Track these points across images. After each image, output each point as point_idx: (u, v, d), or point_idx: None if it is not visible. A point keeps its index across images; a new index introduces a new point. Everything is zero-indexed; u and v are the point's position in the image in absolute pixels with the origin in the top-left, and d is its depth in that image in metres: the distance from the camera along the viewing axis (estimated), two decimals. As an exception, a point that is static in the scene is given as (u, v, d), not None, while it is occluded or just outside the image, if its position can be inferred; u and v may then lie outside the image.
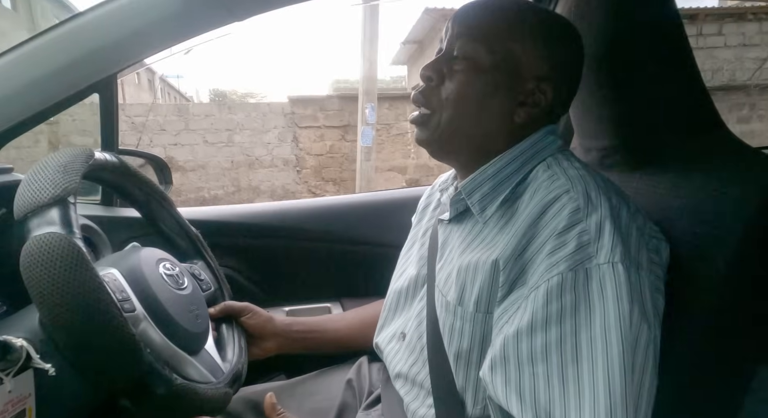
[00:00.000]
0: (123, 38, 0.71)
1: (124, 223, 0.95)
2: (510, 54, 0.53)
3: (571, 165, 0.53)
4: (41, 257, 0.44)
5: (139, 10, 0.69)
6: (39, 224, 0.46)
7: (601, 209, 0.46)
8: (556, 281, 0.43)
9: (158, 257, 0.63)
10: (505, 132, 0.56)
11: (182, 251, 0.76)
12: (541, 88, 0.54)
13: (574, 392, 0.41)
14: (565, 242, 0.45)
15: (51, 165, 0.51)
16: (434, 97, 0.57)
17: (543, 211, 0.48)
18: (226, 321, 0.77)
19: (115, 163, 0.61)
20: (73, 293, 0.44)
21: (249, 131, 6.40)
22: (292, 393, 0.79)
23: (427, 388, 0.61)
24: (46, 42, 0.70)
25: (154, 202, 0.73)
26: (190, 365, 0.59)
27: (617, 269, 0.43)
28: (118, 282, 0.54)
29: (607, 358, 0.41)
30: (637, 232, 0.48)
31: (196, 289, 0.67)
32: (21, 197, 0.48)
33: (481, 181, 0.56)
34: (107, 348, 0.47)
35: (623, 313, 0.42)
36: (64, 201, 0.48)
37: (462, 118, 0.56)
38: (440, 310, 0.58)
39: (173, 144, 6.29)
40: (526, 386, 0.43)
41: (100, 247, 0.80)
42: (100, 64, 0.74)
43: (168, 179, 1.09)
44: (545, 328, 0.43)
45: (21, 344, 0.46)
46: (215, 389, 0.59)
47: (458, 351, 0.54)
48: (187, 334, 0.60)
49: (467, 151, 0.58)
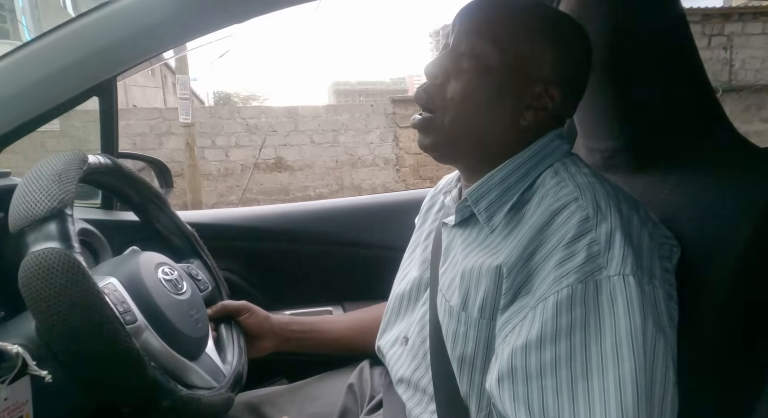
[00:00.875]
0: (122, 41, 0.71)
1: (123, 227, 0.94)
2: (520, 55, 0.51)
3: (579, 171, 0.51)
4: (41, 274, 0.43)
5: (137, 13, 0.69)
6: (36, 239, 0.45)
7: (611, 217, 0.45)
8: (566, 294, 0.42)
9: (157, 261, 0.63)
10: (510, 135, 0.54)
11: (179, 251, 0.76)
12: (549, 92, 0.52)
13: (584, 409, 0.40)
14: (574, 253, 0.43)
15: (45, 174, 0.50)
16: (438, 96, 0.55)
17: (551, 218, 0.47)
18: (225, 322, 0.77)
19: (110, 166, 0.60)
20: (75, 310, 0.44)
21: (353, 132, 6.80)
22: (293, 398, 0.78)
23: (430, 393, 0.60)
24: (44, 46, 0.70)
25: (150, 203, 0.72)
26: (192, 372, 0.59)
27: (628, 281, 0.42)
28: (119, 293, 0.54)
29: (619, 374, 0.39)
30: (649, 239, 0.46)
31: (195, 292, 0.66)
32: (16, 210, 0.47)
33: (487, 189, 0.54)
34: (112, 364, 0.46)
35: (635, 328, 0.40)
36: (61, 213, 0.47)
37: (466, 120, 0.54)
38: (443, 314, 0.57)
39: (283, 145, 6.69)
40: (535, 399, 0.42)
41: (99, 251, 0.80)
42: (99, 67, 0.73)
43: (169, 182, 1.08)
44: (554, 341, 0.42)
45: (17, 350, 0.45)
46: (218, 395, 0.59)
47: (462, 356, 0.53)
48: (188, 340, 0.60)
49: (472, 154, 0.57)
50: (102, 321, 0.45)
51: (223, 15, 0.70)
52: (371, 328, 0.79)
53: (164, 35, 0.72)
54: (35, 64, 0.70)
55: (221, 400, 0.59)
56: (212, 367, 0.65)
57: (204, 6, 0.69)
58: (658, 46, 0.56)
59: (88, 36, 0.70)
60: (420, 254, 0.72)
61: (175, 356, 0.57)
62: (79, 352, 0.46)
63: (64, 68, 0.70)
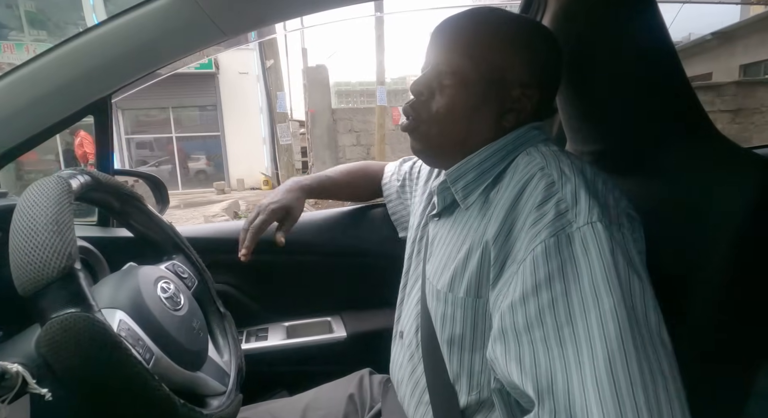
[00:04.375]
0: (116, 60, 0.72)
1: (121, 243, 0.94)
2: (495, 64, 0.55)
3: (548, 149, 0.54)
4: (68, 344, 0.43)
5: (131, 32, 0.70)
6: (53, 305, 0.44)
7: (575, 179, 0.47)
8: (541, 249, 0.44)
9: (155, 277, 0.63)
10: (494, 135, 0.57)
11: (160, 247, 0.76)
12: (526, 94, 0.55)
13: (573, 352, 0.40)
14: (544, 213, 0.45)
15: (41, 223, 0.46)
16: (424, 111, 0.59)
17: (521, 190, 0.49)
18: (214, 314, 0.77)
19: (90, 183, 0.59)
20: (112, 375, 0.45)
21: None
22: (294, 410, 0.78)
23: (423, 385, 0.61)
24: (40, 66, 0.70)
25: (128, 205, 0.71)
26: (202, 382, 0.61)
27: (596, 227, 0.43)
28: (132, 330, 0.53)
29: (600, 312, 0.40)
30: (614, 202, 0.48)
31: (190, 300, 0.67)
32: (23, 272, 0.44)
33: (465, 170, 0.58)
34: (147, 410, 0.48)
35: (608, 265, 0.41)
36: (72, 271, 0.45)
37: (451, 130, 0.57)
38: (431, 300, 0.59)
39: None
40: (526, 353, 0.43)
41: (97, 268, 0.80)
42: (94, 86, 0.74)
43: (165, 199, 1.08)
44: (536, 294, 0.43)
45: (17, 369, 0.45)
46: (229, 402, 0.63)
47: (451, 338, 0.55)
48: (194, 353, 0.61)
49: (460, 156, 0.59)
50: (138, 379, 0.46)
51: (215, 31, 0.72)
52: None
53: (158, 53, 0.73)
54: (31, 84, 0.70)
55: (231, 407, 0.63)
56: (216, 369, 0.66)
57: (197, 23, 0.70)
58: (639, 51, 0.57)
59: (82, 55, 0.71)
60: (415, 252, 0.74)
61: (187, 374, 0.58)
62: (115, 404, 0.47)
63: (59, 88, 0.71)
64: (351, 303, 1.10)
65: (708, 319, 0.51)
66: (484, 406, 0.54)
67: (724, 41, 9.75)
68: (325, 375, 0.88)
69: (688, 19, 7.29)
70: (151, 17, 0.70)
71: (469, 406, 0.54)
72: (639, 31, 0.57)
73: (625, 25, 0.58)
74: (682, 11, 5.05)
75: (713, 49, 10.04)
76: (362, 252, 1.06)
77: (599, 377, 0.38)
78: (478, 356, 0.53)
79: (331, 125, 7.87)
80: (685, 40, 10.79)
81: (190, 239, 0.79)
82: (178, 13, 0.69)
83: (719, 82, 7.68)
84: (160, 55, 0.74)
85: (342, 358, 1.01)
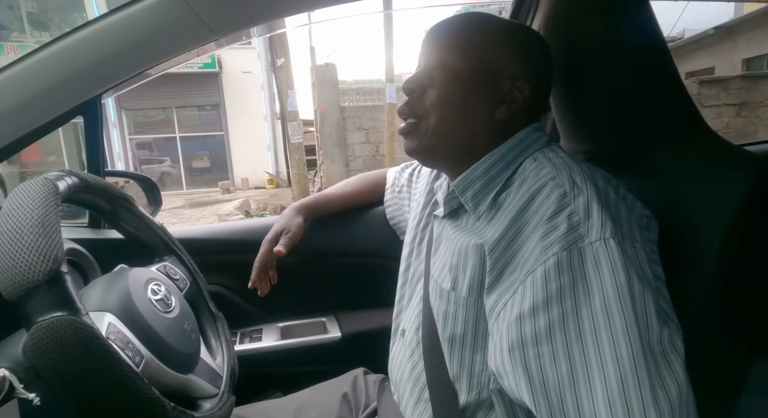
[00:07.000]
0: (106, 60, 0.71)
1: (112, 245, 0.94)
2: (484, 58, 0.56)
3: (556, 155, 0.54)
4: (54, 347, 0.43)
5: (120, 31, 0.70)
6: (39, 309, 0.43)
7: (587, 190, 0.47)
8: (553, 262, 0.43)
9: (145, 279, 0.62)
10: (489, 130, 0.58)
11: (151, 249, 0.75)
12: (517, 86, 0.56)
13: (582, 372, 0.40)
14: (556, 226, 0.45)
15: (26, 224, 0.45)
16: (419, 106, 0.59)
17: (531, 198, 0.49)
18: (206, 316, 0.77)
19: (78, 184, 0.58)
20: (95, 374, 0.45)
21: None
22: (288, 410, 0.78)
23: (423, 382, 0.61)
24: (26, 66, 0.69)
25: (118, 206, 0.71)
26: (195, 385, 0.61)
27: (609, 244, 0.43)
28: (122, 334, 0.53)
29: (611, 333, 0.40)
30: (627, 210, 0.48)
31: (182, 302, 0.66)
32: (7, 275, 0.43)
33: (472, 179, 0.58)
34: (136, 412, 0.48)
35: (621, 285, 0.41)
36: (58, 274, 0.45)
37: (447, 121, 0.57)
38: (434, 298, 0.59)
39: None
40: (533, 367, 0.43)
41: (88, 271, 0.79)
42: (83, 86, 0.73)
43: (157, 200, 1.08)
44: (546, 308, 0.43)
45: (3, 374, 0.45)
46: (222, 404, 0.63)
47: (452, 336, 0.55)
48: (186, 355, 0.61)
49: (455, 153, 0.59)
50: (125, 381, 0.46)
51: (206, 31, 0.71)
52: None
53: (148, 52, 0.72)
54: (19, 85, 0.69)
55: (225, 408, 0.63)
56: (209, 371, 0.66)
57: (186, 23, 0.69)
58: (631, 50, 0.57)
59: (72, 55, 0.70)
60: (416, 248, 0.74)
61: (178, 377, 0.58)
62: (104, 408, 0.47)
63: (48, 88, 0.70)
64: (346, 303, 1.10)
65: (703, 317, 0.51)
66: (484, 406, 0.54)
67: (726, 35, 9.71)
68: (319, 375, 0.88)
69: (683, 16, 7.27)
70: (140, 17, 0.69)
71: (468, 405, 0.54)
72: (631, 30, 0.57)
73: (618, 24, 0.58)
74: (676, 7, 5.02)
75: (716, 44, 10.01)
76: (357, 252, 1.06)
77: (612, 399, 0.38)
78: (478, 355, 0.53)
79: (340, 123, 7.89)
80: (679, 36, 10.75)
81: (182, 240, 0.79)
82: (168, 12, 0.68)
83: (725, 76, 7.65)
84: (150, 54, 0.73)
85: (337, 358, 1.01)
